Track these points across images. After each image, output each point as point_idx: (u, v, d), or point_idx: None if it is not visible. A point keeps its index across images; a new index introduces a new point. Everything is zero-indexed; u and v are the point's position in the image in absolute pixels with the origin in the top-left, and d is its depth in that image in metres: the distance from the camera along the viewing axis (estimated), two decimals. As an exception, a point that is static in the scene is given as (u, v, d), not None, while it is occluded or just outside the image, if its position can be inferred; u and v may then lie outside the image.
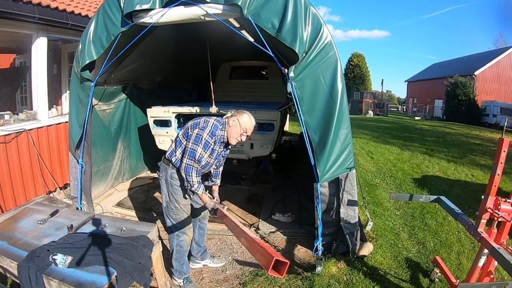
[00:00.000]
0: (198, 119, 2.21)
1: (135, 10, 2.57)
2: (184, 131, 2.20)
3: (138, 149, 4.80)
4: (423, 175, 5.54)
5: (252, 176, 5.02)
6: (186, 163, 2.07)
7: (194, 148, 2.06)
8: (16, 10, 3.10)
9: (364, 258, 2.73)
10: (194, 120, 2.23)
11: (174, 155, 2.22)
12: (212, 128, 2.10)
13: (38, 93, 3.76)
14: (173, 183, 2.24)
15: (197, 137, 2.07)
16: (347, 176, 2.62)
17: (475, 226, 1.83)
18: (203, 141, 2.07)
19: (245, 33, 3.00)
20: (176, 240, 2.35)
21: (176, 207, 2.29)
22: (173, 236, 2.36)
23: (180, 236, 2.35)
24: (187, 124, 2.23)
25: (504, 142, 1.71)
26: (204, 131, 2.08)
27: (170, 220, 2.33)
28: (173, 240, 2.36)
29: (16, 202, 3.44)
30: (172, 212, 2.31)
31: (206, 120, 2.16)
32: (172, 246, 2.39)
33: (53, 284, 1.48)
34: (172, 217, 2.32)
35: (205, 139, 2.08)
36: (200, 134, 2.07)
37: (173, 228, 2.34)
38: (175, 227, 2.33)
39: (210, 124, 2.13)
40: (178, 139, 2.23)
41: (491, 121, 17.97)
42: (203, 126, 2.11)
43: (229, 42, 4.23)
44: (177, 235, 2.35)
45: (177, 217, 2.31)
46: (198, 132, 2.08)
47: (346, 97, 2.52)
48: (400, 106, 42.29)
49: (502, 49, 23.92)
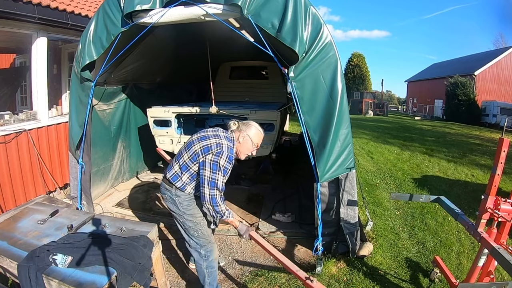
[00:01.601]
0: (206, 140, 1.97)
1: (135, 10, 2.57)
2: (191, 155, 1.97)
3: (138, 149, 4.80)
4: (423, 175, 5.54)
5: (252, 176, 5.02)
6: (209, 194, 1.87)
7: (214, 177, 1.87)
8: (16, 10, 3.10)
9: (364, 258, 2.73)
10: (201, 140, 1.98)
11: (179, 179, 2.02)
12: (228, 153, 1.93)
13: (38, 93, 3.76)
14: (181, 200, 2.05)
15: (214, 164, 1.88)
16: (347, 176, 2.62)
17: (475, 226, 1.83)
18: (222, 168, 1.89)
19: (245, 33, 3.00)
20: (206, 262, 2.14)
21: (194, 223, 2.09)
22: (201, 257, 2.13)
23: (208, 256, 2.14)
24: (192, 144, 2.00)
25: (504, 142, 1.71)
26: (221, 157, 1.89)
27: (194, 240, 2.12)
28: (202, 262, 2.14)
29: (16, 202, 3.44)
30: (192, 229, 2.10)
31: (219, 144, 1.93)
32: (202, 269, 2.15)
33: (53, 284, 1.48)
34: (194, 235, 2.11)
35: (224, 166, 1.90)
36: (216, 161, 1.88)
37: (198, 247, 2.12)
38: (200, 246, 2.12)
39: (225, 148, 1.93)
40: (184, 163, 2.00)
41: (491, 121, 17.96)
42: (217, 152, 1.90)
43: (229, 42, 4.23)
44: (205, 255, 2.14)
45: (200, 232, 2.11)
46: (213, 159, 1.89)
47: (346, 97, 2.52)
48: (400, 106, 42.29)
49: (502, 49, 23.91)
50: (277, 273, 2.54)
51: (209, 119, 4.46)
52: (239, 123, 2.11)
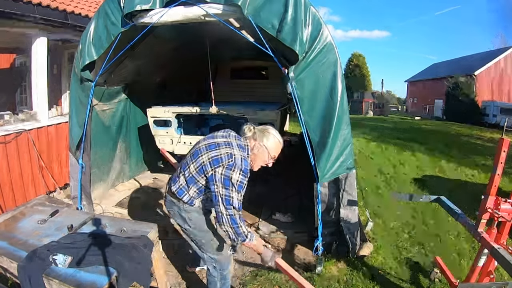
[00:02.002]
0: (215, 150, 1.70)
1: (135, 10, 2.57)
2: (198, 167, 1.72)
3: (138, 149, 4.79)
4: (423, 175, 5.54)
5: (252, 176, 5.01)
6: (227, 213, 1.61)
7: (228, 194, 1.61)
8: (16, 10, 3.11)
9: (364, 258, 2.73)
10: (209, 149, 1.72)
11: (186, 193, 1.80)
12: (242, 165, 1.66)
13: (38, 93, 3.76)
14: (191, 216, 1.85)
15: (226, 180, 1.62)
16: (347, 176, 2.62)
17: (475, 226, 1.83)
18: (236, 183, 1.63)
19: (245, 33, 2.99)
20: (220, 275, 2.00)
21: (207, 239, 1.92)
22: (216, 271, 1.99)
23: (224, 270, 2.01)
24: (199, 154, 1.74)
25: (504, 142, 1.71)
26: (233, 171, 1.63)
27: (208, 255, 1.96)
28: (216, 275, 1.99)
29: (16, 202, 3.44)
30: (205, 246, 1.93)
31: (230, 155, 1.66)
32: (215, 281, 2.00)
33: (53, 284, 1.48)
34: (208, 251, 1.94)
35: (238, 180, 1.64)
36: (228, 176, 1.62)
37: (214, 262, 1.97)
38: (215, 261, 1.96)
39: (238, 160, 1.66)
40: (190, 175, 1.76)
41: (491, 121, 17.94)
42: (229, 164, 1.64)
43: (229, 42, 4.22)
44: (221, 269, 1.99)
45: (214, 248, 1.95)
46: (225, 173, 1.63)
47: (346, 97, 2.52)
48: (400, 106, 42.27)
49: (502, 49, 23.89)
50: (277, 273, 2.54)
51: (209, 119, 4.46)
52: (255, 129, 1.81)
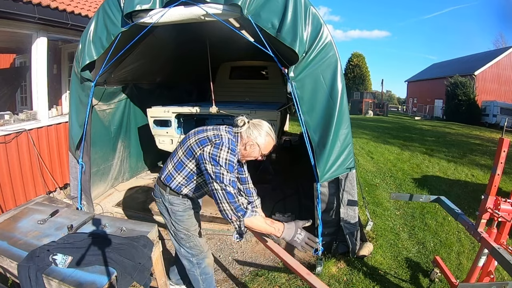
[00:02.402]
0: (203, 133, 1.73)
1: (135, 10, 2.57)
2: (186, 150, 1.74)
3: (138, 149, 4.80)
4: (423, 175, 5.54)
5: (252, 176, 5.01)
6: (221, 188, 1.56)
7: (218, 171, 1.57)
8: (16, 10, 3.10)
9: (364, 258, 2.73)
10: (197, 134, 1.75)
11: (173, 179, 1.80)
12: (230, 144, 1.63)
13: (38, 93, 3.76)
14: (174, 209, 1.87)
15: (213, 158, 1.58)
16: (347, 176, 2.62)
17: (475, 226, 1.83)
18: (223, 161, 1.58)
19: (245, 33, 2.99)
20: (199, 269, 2.01)
21: (186, 235, 1.93)
22: (194, 265, 2.01)
23: (201, 263, 2.01)
24: (187, 138, 1.77)
25: (504, 142, 1.71)
26: (221, 149, 1.60)
27: (184, 249, 1.98)
28: (195, 269, 2.01)
29: (16, 202, 3.44)
30: (183, 240, 1.95)
31: (217, 135, 1.68)
32: (196, 277, 2.03)
33: (53, 284, 1.48)
34: (185, 245, 1.97)
35: (226, 158, 1.59)
36: (216, 155, 1.59)
37: (191, 256, 2.00)
38: (191, 255, 1.99)
39: (225, 139, 1.65)
40: (179, 160, 1.77)
41: (491, 121, 17.97)
42: (216, 143, 1.62)
43: (229, 42, 4.23)
44: (198, 263, 2.01)
45: (192, 243, 1.96)
46: (213, 151, 1.60)
47: (346, 97, 2.52)
48: (400, 106, 42.29)
49: (502, 49, 23.91)
50: (277, 273, 2.54)
51: (209, 119, 4.46)
52: (249, 123, 1.76)
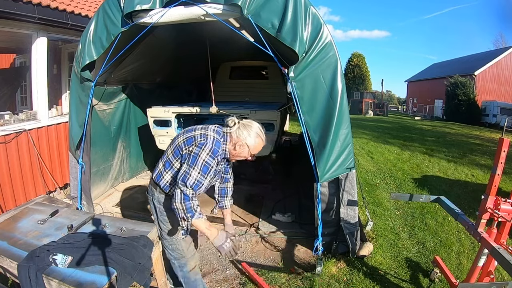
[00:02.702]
0: (191, 132, 1.77)
1: (135, 10, 2.57)
2: (174, 149, 1.78)
3: (138, 149, 4.80)
4: (423, 175, 5.54)
5: (252, 176, 5.02)
6: (181, 190, 1.59)
7: (187, 171, 1.59)
8: (16, 10, 3.10)
9: (364, 258, 2.73)
10: (185, 133, 1.79)
11: (162, 178, 1.84)
12: (213, 146, 1.65)
13: (38, 93, 3.76)
14: (161, 209, 1.89)
15: (194, 157, 1.61)
16: (347, 176, 2.62)
17: (475, 226, 1.83)
18: (201, 162, 1.60)
19: (245, 33, 3.00)
20: (181, 272, 2.04)
21: (171, 237, 1.94)
22: (176, 268, 2.04)
23: (182, 267, 2.02)
24: (177, 138, 1.83)
25: (504, 142, 1.71)
26: (203, 149, 1.62)
27: (168, 251, 2.00)
28: (178, 271, 2.05)
29: (16, 202, 3.44)
30: (166, 241, 1.96)
31: (203, 135, 1.71)
32: (180, 279, 2.08)
33: (53, 284, 1.48)
34: (168, 247, 1.97)
35: (205, 160, 1.61)
36: (197, 154, 1.61)
37: (172, 258, 2.02)
38: (173, 258, 2.01)
39: (210, 139, 1.66)
40: (168, 159, 1.82)
41: (491, 121, 17.96)
42: (200, 143, 1.65)
43: (229, 42, 4.23)
44: (179, 266, 2.02)
45: (174, 247, 1.96)
46: (195, 150, 1.63)
47: (346, 97, 2.52)
48: (400, 106, 42.29)
49: (502, 49, 23.92)
50: (277, 273, 2.54)
51: (209, 119, 4.46)
52: (240, 123, 1.78)
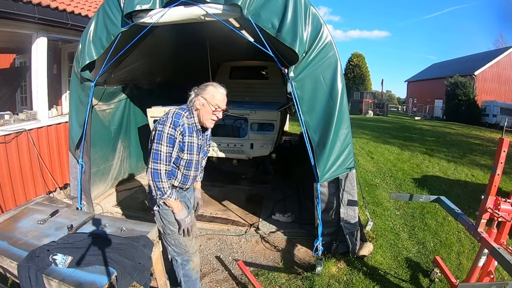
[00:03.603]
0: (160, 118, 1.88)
1: (135, 10, 2.57)
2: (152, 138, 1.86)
3: (138, 149, 4.80)
4: (423, 175, 5.54)
5: (252, 176, 5.02)
6: (152, 168, 1.74)
7: (157, 148, 1.74)
8: (16, 10, 3.10)
9: (364, 258, 2.73)
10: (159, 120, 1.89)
11: None
12: (173, 118, 1.78)
13: (38, 93, 3.76)
14: (160, 203, 1.92)
15: (158, 134, 1.75)
16: (347, 176, 2.62)
17: (475, 226, 1.83)
18: (166, 136, 1.75)
19: (245, 33, 3.00)
20: (182, 270, 2.05)
21: (172, 231, 1.96)
22: (178, 266, 2.05)
23: (185, 265, 2.04)
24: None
25: (504, 142, 1.71)
26: (165, 125, 1.76)
27: (171, 248, 2.02)
28: (179, 270, 2.06)
29: (16, 202, 3.44)
30: (169, 237, 1.97)
31: (167, 112, 1.84)
32: (179, 277, 2.07)
33: (53, 284, 1.48)
34: (171, 242, 1.99)
35: (168, 133, 1.75)
36: (161, 130, 1.75)
37: (176, 255, 2.03)
38: (177, 254, 2.02)
39: (170, 114, 1.81)
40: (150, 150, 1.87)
41: (491, 121, 17.96)
42: (163, 120, 1.79)
43: (229, 42, 4.23)
44: (182, 264, 2.04)
45: (176, 242, 1.99)
46: (159, 128, 1.76)
47: (346, 97, 2.52)
48: (400, 106, 42.28)
49: (502, 49, 23.91)
50: (277, 273, 2.54)
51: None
52: (197, 89, 1.89)
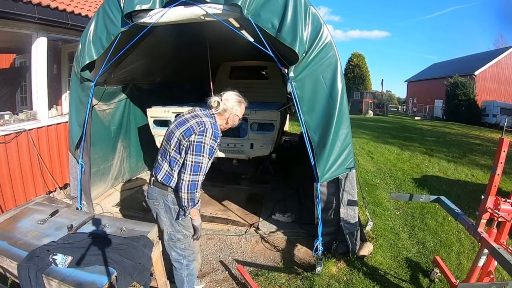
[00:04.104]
0: (185, 124, 1.82)
1: (135, 10, 2.57)
2: (174, 145, 1.81)
3: (138, 149, 4.80)
4: (423, 175, 5.54)
5: (252, 176, 5.02)
6: (190, 180, 1.72)
7: (198, 161, 1.72)
8: (16, 10, 3.10)
9: (364, 258, 2.73)
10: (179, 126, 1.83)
11: (171, 177, 1.85)
12: (213, 129, 1.78)
13: (38, 93, 3.76)
14: (176, 208, 1.89)
15: (198, 146, 1.73)
16: (347, 176, 2.62)
17: (475, 226, 1.83)
18: (207, 148, 1.74)
19: (245, 33, 3.00)
20: (187, 271, 2.05)
21: (184, 235, 1.97)
22: (183, 267, 2.04)
23: (190, 265, 2.06)
24: (172, 133, 1.84)
25: (504, 142, 1.71)
26: (205, 136, 1.74)
27: (177, 252, 2.01)
28: (183, 271, 2.05)
29: (16, 202, 3.44)
30: (180, 242, 1.98)
31: (200, 122, 1.79)
32: (183, 278, 2.07)
33: (53, 284, 1.48)
34: (180, 247, 1.99)
35: (210, 145, 1.75)
36: (201, 142, 1.73)
37: (181, 258, 2.02)
38: (183, 257, 2.02)
39: (208, 124, 1.78)
40: (171, 157, 1.83)
41: (491, 121, 17.96)
42: (200, 131, 1.75)
43: (229, 42, 4.23)
44: (187, 265, 2.04)
45: (186, 245, 2.00)
46: (197, 139, 1.73)
47: (346, 97, 2.52)
48: (400, 106, 42.28)
49: (502, 49, 23.91)
50: (277, 273, 2.54)
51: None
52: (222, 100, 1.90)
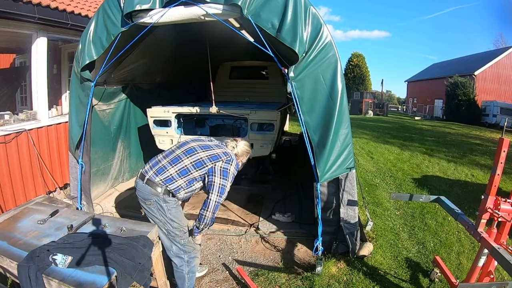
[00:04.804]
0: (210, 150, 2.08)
1: (135, 10, 2.57)
2: (195, 161, 2.03)
3: (138, 149, 4.80)
4: (423, 175, 5.54)
5: (252, 176, 5.02)
6: (217, 201, 1.97)
7: (224, 184, 1.99)
8: (16, 10, 3.10)
9: (364, 258, 2.73)
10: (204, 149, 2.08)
11: (174, 181, 2.01)
12: (236, 161, 2.14)
13: (38, 93, 3.76)
14: (169, 206, 2.01)
15: (225, 171, 2.01)
16: (347, 176, 2.62)
17: (475, 226, 1.83)
18: (232, 174, 2.05)
19: (245, 33, 3.00)
20: (188, 267, 2.13)
21: (181, 231, 2.07)
22: (184, 263, 2.11)
23: (191, 262, 2.14)
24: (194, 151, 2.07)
25: (504, 142, 1.71)
26: (231, 164, 2.06)
27: (178, 247, 2.09)
28: (184, 267, 2.12)
29: (16, 202, 3.44)
30: (178, 237, 2.07)
31: (226, 153, 2.11)
32: (183, 275, 2.13)
33: (53, 284, 1.48)
34: (180, 242, 2.08)
35: (233, 172, 2.06)
36: (227, 169, 2.03)
37: (183, 253, 2.10)
38: (184, 252, 2.10)
39: (233, 156, 2.13)
40: (185, 167, 2.02)
41: (491, 121, 17.96)
42: (227, 160, 2.06)
43: (229, 42, 4.23)
44: (188, 261, 2.12)
45: (186, 241, 2.10)
46: (224, 166, 2.03)
47: (346, 97, 2.52)
48: (400, 106, 42.27)
49: (502, 49, 23.91)
50: (277, 273, 2.54)
51: (209, 119, 4.46)
52: (237, 147, 2.23)
